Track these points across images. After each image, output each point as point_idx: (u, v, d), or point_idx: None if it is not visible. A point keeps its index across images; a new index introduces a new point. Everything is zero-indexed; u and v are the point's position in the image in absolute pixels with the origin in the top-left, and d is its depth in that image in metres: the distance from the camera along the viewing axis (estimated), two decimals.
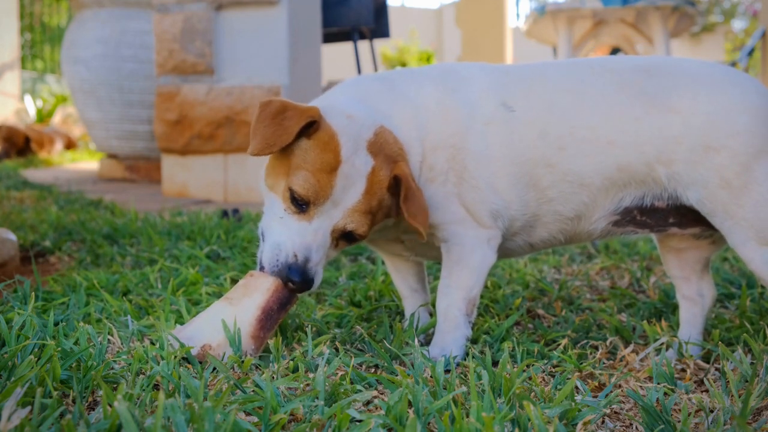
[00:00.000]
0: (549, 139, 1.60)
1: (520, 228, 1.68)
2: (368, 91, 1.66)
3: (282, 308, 1.50)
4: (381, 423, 1.15)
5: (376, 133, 1.53)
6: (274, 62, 4.92)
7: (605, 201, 1.61)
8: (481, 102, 1.63)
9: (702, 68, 1.59)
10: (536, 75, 1.67)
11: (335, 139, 1.48)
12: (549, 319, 1.97)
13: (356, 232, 1.51)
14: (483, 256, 1.64)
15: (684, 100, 1.53)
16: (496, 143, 1.61)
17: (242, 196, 5.01)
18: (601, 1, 7.20)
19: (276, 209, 1.52)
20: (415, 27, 12.26)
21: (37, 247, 2.82)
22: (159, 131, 5.08)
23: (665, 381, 1.44)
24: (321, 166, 1.47)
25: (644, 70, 1.59)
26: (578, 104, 1.60)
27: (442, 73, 1.70)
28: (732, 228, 1.51)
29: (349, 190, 1.48)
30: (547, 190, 1.62)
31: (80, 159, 9.92)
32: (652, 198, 1.59)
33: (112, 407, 1.09)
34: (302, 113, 1.47)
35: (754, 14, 14.80)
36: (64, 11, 16.11)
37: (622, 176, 1.58)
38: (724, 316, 1.95)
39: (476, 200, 1.62)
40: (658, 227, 1.64)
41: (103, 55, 6.17)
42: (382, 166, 1.51)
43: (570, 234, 1.69)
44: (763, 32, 8.19)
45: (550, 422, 1.16)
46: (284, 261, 1.48)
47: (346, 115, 1.53)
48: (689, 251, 1.75)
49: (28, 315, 1.59)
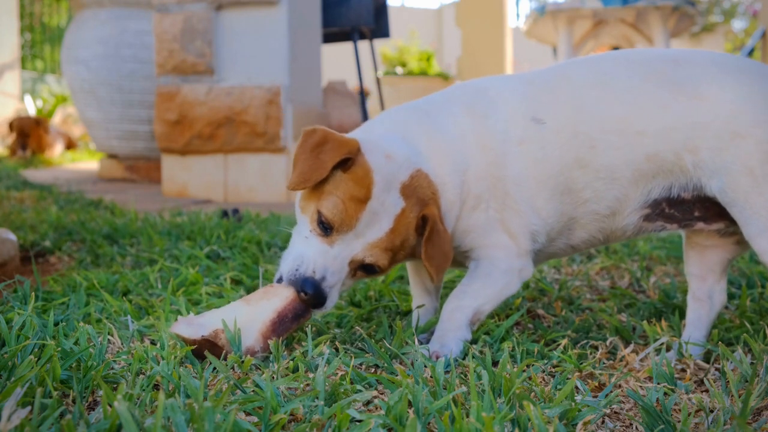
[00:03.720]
0: (580, 139, 1.62)
1: (558, 233, 1.71)
2: (406, 125, 1.68)
3: (295, 319, 1.52)
4: (381, 423, 1.15)
5: (411, 176, 1.57)
6: (274, 62, 4.92)
7: (636, 193, 1.63)
8: (513, 122, 1.66)
9: (728, 59, 1.62)
10: (559, 78, 1.69)
11: (369, 175, 1.52)
12: (549, 319, 1.97)
13: (375, 266, 1.56)
14: (508, 283, 1.68)
15: (712, 88, 1.55)
16: (532, 161, 1.64)
17: (242, 196, 5.01)
18: (601, 1, 7.20)
19: (303, 229, 1.57)
20: (415, 27, 12.26)
21: (37, 247, 2.82)
22: (159, 131, 5.08)
23: (665, 381, 1.44)
24: (351, 197, 1.51)
25: (671, 60, 1.62)
26: (605, 97, 1.62)
27: (471, 98, 1.71)
28: (750, 218, 1.52)
29: (373, 226, 1.53)
30: (582, 192, 1.65)
31: (80, 159, 9.92)
32: (679, 188, 1.61)
33: (112, 407, 1.09)
34: (340, 147, 1.51)
35: (754, 14, 14.80)
36: (64, 11, 16.11)
37: (650, 166, 1.60)
38: (724, 316, 1.95)
39: (519, 224, 1.66)
40: (685, 221, 1.66)
41: (103, 55, 6.17)
42: (413, 208, 1.55)
43: (607, 232, 1.72)
44: (763, 32, 8.19)
45: (550, 422, 1.16)
46: (302, 273, 1.52)
47: (385, 155, 1.56)
48: (712, 250, 1.76)
49: (28, 315, 1.59)
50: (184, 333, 1.49)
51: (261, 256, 2.61)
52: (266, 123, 4.89)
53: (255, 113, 4.89)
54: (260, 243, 2.82)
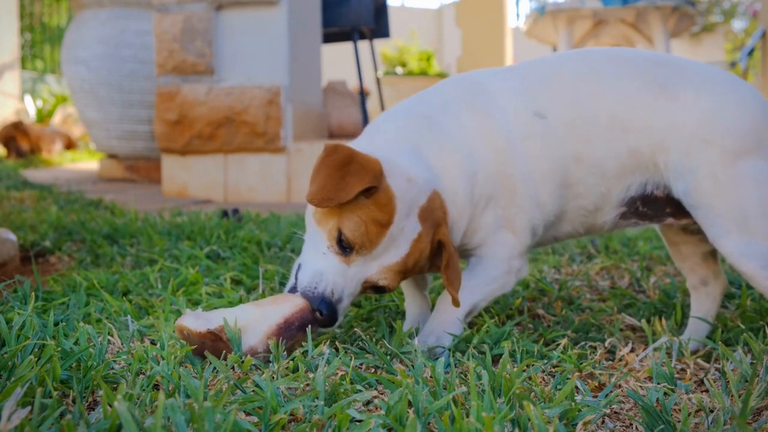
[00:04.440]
0: (577, 133, 1.65)
1: (548, 225, 1.74)
2: (415, 135, 1.67)
3: (301, 328, 1.52)
4: (381, 423, 1.15)
5: (429, 198, 1.57)
6: (274, 62, 4.92)
7: (617, 189, 1.67)
8: (515, 118, 1.67)
9: (708, 68, 1.68)
10: (553, 72, 1.71)
11: (393, 202, 1.52)
12: (549, 319, 1.97)
13: (386, 287, 1.57)
14: (506, 283, 1.72)
15: (689, 93, 1.60)
16: (537, 156, 1.66)
17: (242, 196, 5.01)
18: (601, 1, 7.20)
19: (320, 244, 1.55)
20: (415, 27, 12.25)
21: (37, 247, 2.82)
22: (159, 131, 5.08)
23: (665, 381, 1.44)
24: (373, 220, 1.50)
25: (655, 61, 1.67)
26: (597, 91, 1.65)
27: (470, 95, 1.71)
28: (713, 221, 1.57)
29: (390, 250, 1.53)
30: (575, 186, 1.68)
31: (80, 159, 9.92)
32: (653, 186, 1.65)
33: (112, 407, 1.09)
34: (366, 172, 1.48)
35: (754, 14, 14.79)
36: (64, 11, 16.11)
37: (631, 162, 1.64)
38: (724, 316, 1.95)
39: (523, 220, 1.69)
40: (657, 218, 1.71)
41: (103, 55, 6.17)
42: (428, 232, 1.56)
43: (588, 226, 1.76)
44: (763, 32, 8.19)
45: (550, 422, 1.16)
46: (321, 291, 1.52)
47: (406, 179, 1.55)
48: (685, 245, 1.84)
49: (28, 315, 1.59)
50: (191, 325, 1.50)
51: (261, 256, 2.60)
52: (266, 123, 4.89)
53: (255, 113, 4.89)
54: (260, 243, 2.82)
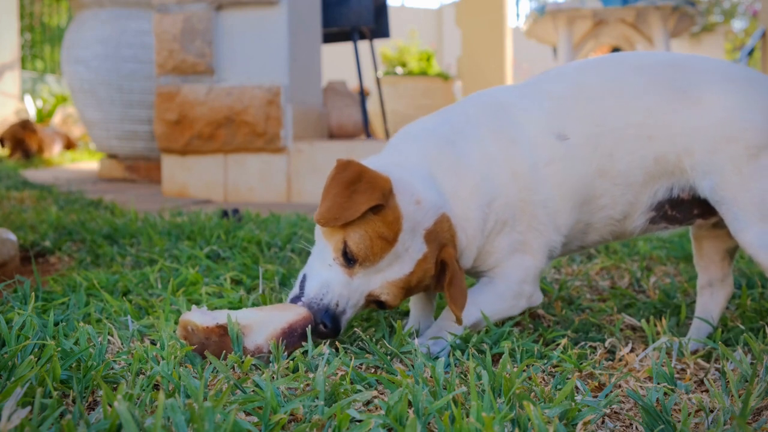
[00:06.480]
0: (601, 148, 1.67)
1: (573, 237, 1.75)
2: (436, 160, 1.67)
3: (303, 337, 1.53)
4: (381, 423, 1.15)
5: (436, 222, 1.58)
6: (274, 62, 4.92)
7: (645, 196, 1.69)
8: (539, 143, 1.68)
9: (724, 65, 1.70)
10: (575, 87, 1.72)
11: (399, 222, 1.53)
12: (549, 319, 1.97)
13: (387, 303, 1.58)
14: (514, 306, 1.73)
15: (709, 94, 1.63)
16: (558, 181, 1.67)
17: (242, 196, 5.01)
18: (601, 1, 7.20)
19: (326, 256, 1.58)
20: (415, 27, 12.23)
21: (37, 247, 2.82)
22: (159, 131, 5.08)
23: (665, 381, 1.44)
24: (379, 235, 1.52)
25: (672, 65, 1.69)
26: (621, 106, 1.67)
27: (495, 120, 1.71)
28: (737, 214, 1.59)
29: (394, 266, 1.55)
30: (600, 199, 1.70)
31: (80, 159, 9.92)
32: (679, 189, 1.68)
33: (112, 407, 1.09)
34: (374, 190, 1.51)
35: (754, 14, 14.80)
36: (64, 11, 16.11)
37: (657, 168, 1.66)
38: (724, 316, 1.95)
39: (541, 243, 1.70)
40: (686, 220, 1.74)
41: (103, 55, 6.17)
42: (433, 253, 1.58)
43: (617, 233, 1.78)
44: (763, 32, 8.19)
45: (550, 422, 1.16)
46: (327, 303, 1.54)
47: (415, 200, 1.57)
48: (707, 240, 1.85)
49: (28, 315, 1.59)
50: (197, 320, 1.50)
51: (261, 256, 2.60)
52: (266, 123, 4.89)
53: (255, 113, 4.89)
54: (260, 243, 2.82)
